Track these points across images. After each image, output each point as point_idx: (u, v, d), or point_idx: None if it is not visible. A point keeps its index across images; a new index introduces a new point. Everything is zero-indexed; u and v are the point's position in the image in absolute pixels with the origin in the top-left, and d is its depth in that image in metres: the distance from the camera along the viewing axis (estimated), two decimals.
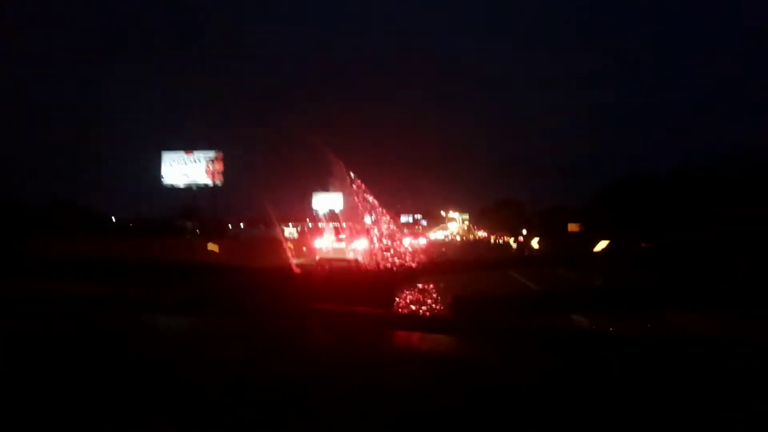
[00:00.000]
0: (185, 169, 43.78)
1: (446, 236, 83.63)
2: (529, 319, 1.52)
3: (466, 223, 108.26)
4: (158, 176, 43.60)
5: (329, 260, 2.21)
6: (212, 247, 15.54)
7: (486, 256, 19.45)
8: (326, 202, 55.52)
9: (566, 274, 5.62)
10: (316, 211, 55.76)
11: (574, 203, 48.46)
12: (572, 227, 27.59)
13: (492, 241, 65.54)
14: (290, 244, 21.49)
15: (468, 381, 0.97)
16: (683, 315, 1.51)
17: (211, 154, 44.23)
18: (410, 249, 2.18)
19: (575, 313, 1.71)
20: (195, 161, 43.97)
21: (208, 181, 44.04)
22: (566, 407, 0.84)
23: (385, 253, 2.04)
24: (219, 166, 44.98)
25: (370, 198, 2.28)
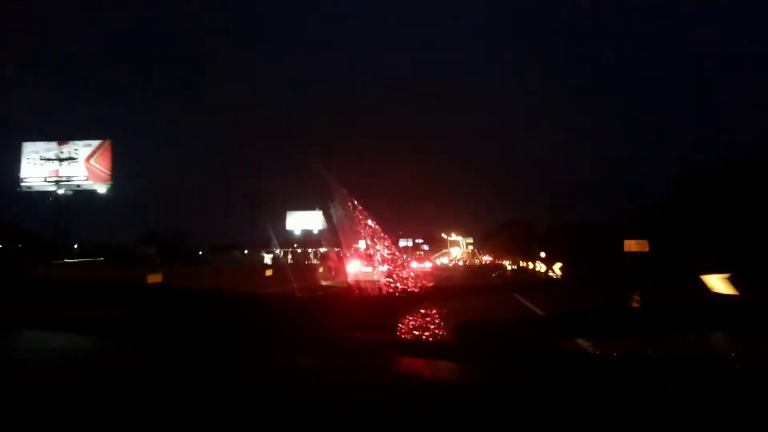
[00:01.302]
0: (56, 166, 30.43)
1: (451, 261, 77.94)
2: (531, 344, 1.52)
3: (470, 247, 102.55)
4: (17, 177, 30.24)
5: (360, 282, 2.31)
6: (153, 278, 12.94)
7: None
8: (302, 221, 49.48)
9: None
10: (291, 231, 49.39)
11: (602, 219, 41.83)
12: (632, 245, 21.05)
13: (509, 266, 54.78)
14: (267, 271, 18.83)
15: (470, 408, 1.00)
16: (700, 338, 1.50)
17: (94, 143, 30.87)
18: (414, 274, 2.19)
19: (581, 337, 1.74)
20: (71, 155, 30.40)
21: (92, 184, 30.70)
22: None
23: (392, 277, 2.09)
24: (104, 162, 30.63)
25: (371, 222, 2.24)
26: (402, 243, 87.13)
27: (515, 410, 0.96)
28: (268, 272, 18.64)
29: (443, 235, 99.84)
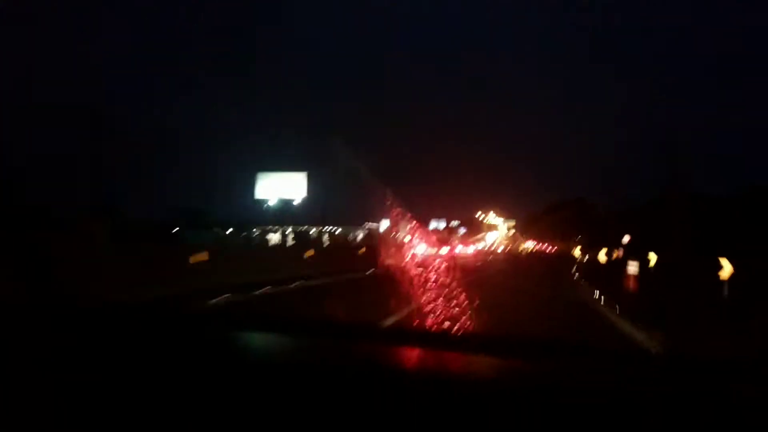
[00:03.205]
0: None
1: (489, 247, 67.78)
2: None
3: (512, 231, 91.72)
4: None
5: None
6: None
7: None
8: (279, 187, 37.82)
9: None
10: (264, 202, 38.05)
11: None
12: None
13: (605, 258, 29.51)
14: None
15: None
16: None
17: None
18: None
19: None
20: None
21: None
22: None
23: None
24: None
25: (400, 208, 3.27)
26: (433, 225, 77.67)
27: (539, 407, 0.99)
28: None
29: (481, 215, 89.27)
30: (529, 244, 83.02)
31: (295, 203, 38.00)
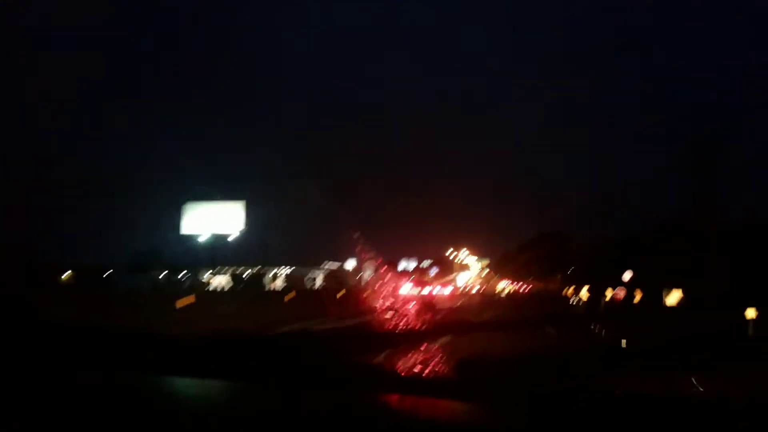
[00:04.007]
0: None
1: (465, 287, 63.53)
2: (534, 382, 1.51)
3: (486, 270, 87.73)
4: None
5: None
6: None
7: None
8: (211, 220, 32.67)
9: None
10: (193, 237, 32.79)
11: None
12: None
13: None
14: None
15: None
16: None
17: None
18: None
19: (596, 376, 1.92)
20: None
21: None
22: None
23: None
24: None
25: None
26: (403, 265, 73.19)
27: None
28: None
29: (453, 253, 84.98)
30: (504, 284, 78.92)
31: (230, 239, 32.70)
